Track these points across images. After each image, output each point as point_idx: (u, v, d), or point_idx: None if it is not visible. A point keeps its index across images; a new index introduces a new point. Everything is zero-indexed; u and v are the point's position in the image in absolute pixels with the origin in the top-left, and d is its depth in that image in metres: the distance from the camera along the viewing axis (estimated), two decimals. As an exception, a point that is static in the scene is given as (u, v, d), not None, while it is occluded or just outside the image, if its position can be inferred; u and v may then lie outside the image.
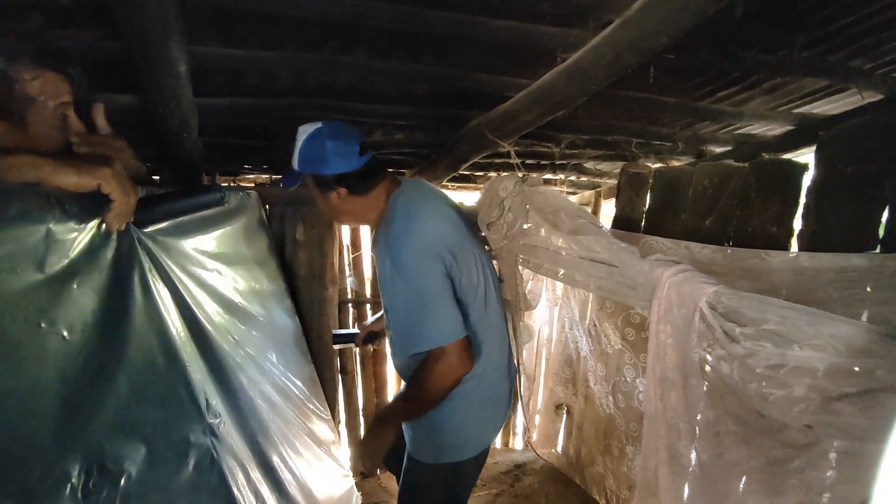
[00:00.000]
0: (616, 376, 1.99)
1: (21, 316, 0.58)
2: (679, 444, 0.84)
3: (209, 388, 1.04)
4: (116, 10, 0.78)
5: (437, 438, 1.23)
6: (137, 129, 1.40)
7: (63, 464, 0.61)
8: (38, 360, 0.60)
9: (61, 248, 0.66)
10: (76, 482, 0.61)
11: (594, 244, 1.03)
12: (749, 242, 1.14)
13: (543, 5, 1.04)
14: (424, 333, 1.07)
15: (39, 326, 0.61)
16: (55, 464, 0.60)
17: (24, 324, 0.59)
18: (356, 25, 1.09)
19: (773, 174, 1.15)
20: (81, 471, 0.63)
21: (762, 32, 1.21)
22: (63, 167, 0.63)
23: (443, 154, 1.91)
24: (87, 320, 0.70)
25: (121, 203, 0.72)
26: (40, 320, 0.61)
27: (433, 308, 1.07)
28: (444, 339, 1.05)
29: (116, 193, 0.70)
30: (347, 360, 2.45)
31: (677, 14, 0.79)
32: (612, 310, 1.96)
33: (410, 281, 1.08)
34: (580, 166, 2.45)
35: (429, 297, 1.07)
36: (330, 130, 1.18)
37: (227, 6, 0.96)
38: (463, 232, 1.22)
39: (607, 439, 2.11)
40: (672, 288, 0.79)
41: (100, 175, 0.67)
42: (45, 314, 0.62)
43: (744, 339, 0.65)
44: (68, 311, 0.66)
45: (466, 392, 1.18)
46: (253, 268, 1.58)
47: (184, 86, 1.07)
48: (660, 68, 1.31)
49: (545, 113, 1.33)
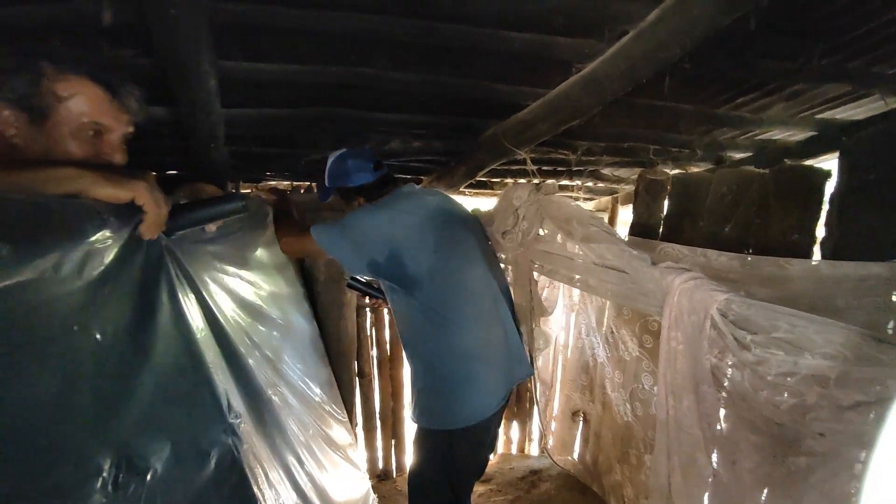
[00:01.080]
0: (634, 384, 1.97)
1: (59, 319, 0.61)
2: (692, 452, 0.84)
3: (230, 389, 1.07)
4: (154, 31, 0.83)
5: (430, 404, 1.46)
6: (168, 138, 1.47)
7: (95, 459, 0.63)
8: (73, 360, 0.63)
9: (97, 255, 0.69)
10: (107, 476, 0.64)
11: (606, 251, 1.04)
12: (770, 250, 1.13)
13: (558, 18, 1.05)
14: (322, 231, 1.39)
15: (73, 329, 0.64)
16: (88, 458, 0.62)
17: (61, 326, 0.62)
18: (375, 39, 1.13)
19: (794, 181, 1.14)
20: (112, 466, 0.65)
21: (779, 41, 1.20)
22: (101, 180, 0.65)
23: (460, 161, 1.94)
24: (118, 323, 0.73)
25: (153, 214, 0.74)
26: (75, 323, 0.64)
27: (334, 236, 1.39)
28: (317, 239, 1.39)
29: (150, 205, 0.72)
30: (364, 364, 2.49)
31: (691, 26, 0.80)
32: (629, 317, 1.94)
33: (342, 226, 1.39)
34: (597, 172, 2.44)
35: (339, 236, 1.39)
36: (350, 153, 1.51)
37: (254, 23, 1.00)
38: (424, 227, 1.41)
39: (625, 447, 2.08)
40: (683, 295, 0.79)
41: (134, 188, 0.69)
42: (81, 317, 0.65)
43: (755, 346, 0.65)
44: (101, 314, 0.69)
45: (450, 365, 1.42)
46: (272, 272, 1.62)
47: (213, 99, 1.12)
48: (676, 77, 1.31)
49: (561, 122, 1.34)
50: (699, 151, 2.05)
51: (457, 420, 1.42)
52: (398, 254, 1.36)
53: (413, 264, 1.37)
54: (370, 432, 2.56)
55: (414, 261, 1.37)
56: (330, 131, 1.64)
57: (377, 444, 2.61)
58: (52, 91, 0.75)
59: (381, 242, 1.36)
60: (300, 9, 0.97)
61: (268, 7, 0.96)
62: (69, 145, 0.77)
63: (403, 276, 1.38)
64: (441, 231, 1.43)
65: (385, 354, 2.57)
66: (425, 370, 1.47)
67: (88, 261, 0.65)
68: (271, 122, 1.53)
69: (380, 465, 2.64)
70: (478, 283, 1.49)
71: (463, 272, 1.45)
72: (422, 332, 1.44)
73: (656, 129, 1.92)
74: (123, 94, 0.82)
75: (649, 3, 0.92)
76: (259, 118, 1.50)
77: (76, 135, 0.78)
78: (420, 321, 1.42)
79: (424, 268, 1.38)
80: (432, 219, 1.43)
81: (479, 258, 1.52)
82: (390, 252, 1.36)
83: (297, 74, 1.26)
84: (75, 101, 0.77)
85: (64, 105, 0.76)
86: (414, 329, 1.47)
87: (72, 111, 0.77)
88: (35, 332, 0.56)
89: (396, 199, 1.46)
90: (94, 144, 0.80)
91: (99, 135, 0.80)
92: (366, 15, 1.01)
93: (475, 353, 1.43)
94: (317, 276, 1.97)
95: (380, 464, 2.64)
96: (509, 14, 1.04)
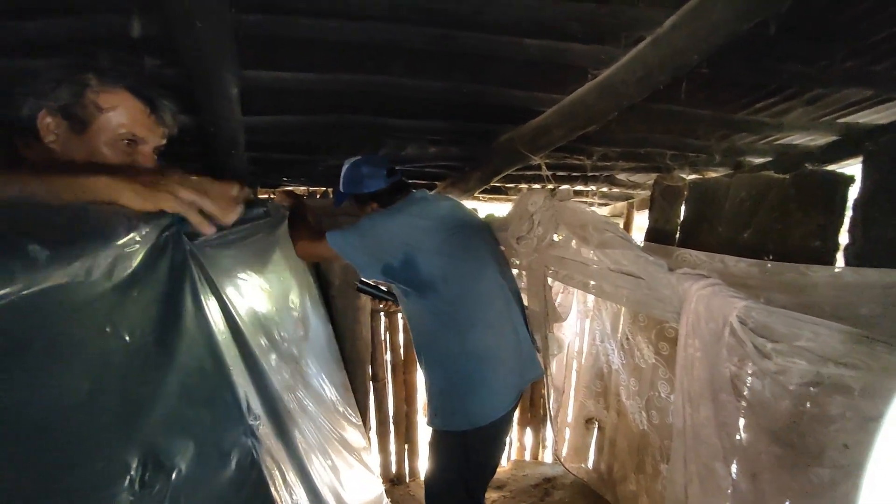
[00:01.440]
0: (650, 391, 1.94)
1: (92, 321, 0.63)
2: (710, 462, 0.83)
3: (249, 391, 1.09)
4: (180, 43, 0.86)
5: (443, 406, 1.49)
6: (190, 145, 1.50)
7: (123, 457, 0.65)
8: (105, 360, 0.65)
9: (126, 259, 0.71)
10: (134, 474, 0.65)
11: (622, 257, 1.04)
12: (790, 256, 1.11)
13: (574, 24, 1.06)
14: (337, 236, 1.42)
15: (105, 330, 0.66)
16: (117, 456, 0.64)
17: (94, 328, 0.64)
18: (392, 47, 1.14)
19: (815, 186, 1.12)
20: (139, 464, 0.67)
21: (799, 45, 1.19)
22: (130, 194, 0.66)
23: (475, 167, 1.95)
24: (144, 325, 0.75)
25: (194, 217, 0.73)
26: (107, 325, 0.66)
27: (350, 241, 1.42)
28: (333, 244, 1.42)
29: (185, 211, 0.72)
30: (379, 369, 2.50)
31: (708, 32, 0.79)
32: (644, 323, 1.92)
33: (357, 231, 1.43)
34: (612, 178, 2.43)
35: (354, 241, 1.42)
36: (364, 160, 1.54)
37: (275, 33, 1.03)
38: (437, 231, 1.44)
39: (640, 456, 2.05)
40: (700, 301, 0.78)
41: (161, 201, 0.69)
42: (111, 319, 0.67)
43: (776, 355, 0.64)
44: (129, 316, 0.71)
45: (462, 366, 1.45)
46: (289, 276, 1.64)
47: (234, 107, 1.15)
48: (693, 82, 1.30)
49: (576, 128, 1.34)
50: (717, 156, 2.03)
51: (470, 421, 1.44)
52: (412, 257, 1.39)
53: (426, 267, 1.40)
54: (384, 436, 2.57)
55: (427, 264, 1.40)
56: (346, 137, 1.66)
57: (390, 449, 2.61)
58: (94, 102, 0.79)
59: (396, 246, 1.39)
60: (320, 19, 0.99)
61: (288, 18, 0.98)
62: (105, 154, 0.81)
63: (417, 280, 1.41)
64: (453, 235, 1.46)
65: (399, 359, 2.58)
66: (438, 372, 1.50)
67: (118, 264, 0.67)
68: (289, 129, 1.57)
69: (393, 470, 2.64)
70: (489, 285, 1.52)
71: (475, 275, 1.49)
72: (434, 335, 1.47)
73: (673, 135, 1.90)
74: (160, 109, 0.86)
75: (666, 9, 0.92)
76: (277, 125, 1.53)
77: (112, 144, 0.81)
78: (433, 324, 1.45)
79: (437, 271, 1.41)
80: (445, 223, 1.46)
81: (490, 262, 1.55)
82: (405, 256, 1.39)
83: (316, 82, 1.28)
84: (115, 113, 0.81)
85: (104, 116, 0.80)
86: (427, 332, 1.50)
87: (111, 122, 0.81)
88: (71, 333, 0.58)
89: (409, 204, 1.50)
90: (128, 154, 0.84)
91: (133, 144, 0.84)
92: (383, 24, 1.03)
93: (487, 354, 1.46)
94: (332, 281, 1.99)
95: (393, 468, 2.64)
96: (526, 21, 1.04)
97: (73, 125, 0.79)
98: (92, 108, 0.79)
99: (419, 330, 1.53)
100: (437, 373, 1.51)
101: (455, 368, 1.46)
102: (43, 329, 0.55)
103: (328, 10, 0.96)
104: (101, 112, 0.80)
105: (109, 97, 0.80)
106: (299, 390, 1.44)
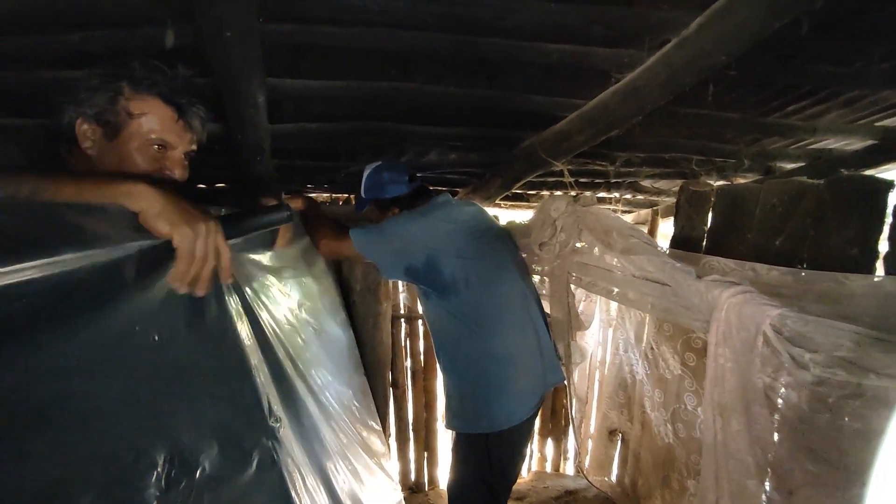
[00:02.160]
0: (675, 403, 1.88)
1: (126, 320, 0.65)
2: (743, 479, 0.79)
3: (271, 393, 1.10)
4: (210, 52, 0.89)
5: (465, 409, 1.50)
6: (217, 153, 1.55)
7: (151, 453, 0.67)
8: (137, 359, 0.67)
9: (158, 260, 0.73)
10: (161, 471, 0.67)
11: (647, 264, 1.01)
12: (825, 265, 1.06)
13: (597, 28, 1.05)
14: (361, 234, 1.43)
15: (137, 329, 0.68)
16: (145, 452, 0.66)
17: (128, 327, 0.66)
18: (414, 54, 1.16)
19: (852, 191, 1.07)
20: (166, 461, 0.68)
21: (833, 45, 1.14)
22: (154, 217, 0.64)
23: (496, 173, 1.94)
24: (173, 325, 0.77)
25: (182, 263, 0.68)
26: (138, 324, 0.68)
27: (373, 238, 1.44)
28: (356, 242, 1.43)
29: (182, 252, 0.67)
30: (399, 375, 2.50)
31: (736, 32, 0.77)
32: (670, 333, 1.87)
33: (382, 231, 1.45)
34: (636, 184, 2.39)
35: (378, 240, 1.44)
36: (385, 166, 1.56)
37: (300, 42, 1.05)
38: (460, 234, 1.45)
39: (666, 471, 1.98)
40: (731, 310, 0.76)
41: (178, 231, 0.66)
42: (143, 319, 0.69)
43: (814, 365, 0.61)
44: (159, 317, 0.73)
45: (484, 369, 1.45)
46: (311, 282, 1.67)
47: (260, 114, 1.18)
48: (721, 84, 1.27)
49: (598, 133, 1.32)
50: (746, 162, 1.97)
51: (493, 424, 1.44)
52: (435, 259, 1.40)
53: (448, 270, 1.41)
54: (403, 444, 2.56)
55: (450, 266, 1.41)
56: (368, 144, 1.68)
57: (410, 456, 2.60)
58: (126, 108, 0.82)
59: (419, 248, 1.41)
60: (345, 27, 1.01)
61: (315, 27, 1.00)
62: (136, 159, 0.84)
63: (439, 281, 1.42)
64: (476, 239, 1.47)
65: (419, 365, 2.58)
66: (459, 375, 1.51)
67: (150, 267, 0.69)
68: (313, 136, 1.59)
69: (412, 478, 2.63)
70: (511, 289, 1.53)
71: (496, 278, 1.49)
72: (456, 337, 1.48)
73: (699, 139, 1.86)
74: (190, 115, 0.88)
75: (692, 11, 0.90)
76: (301, 132, 1.55)
77: (143, 150, 0.84)
78: (455, 326, 1.46)
79: (460, 273, 1.42)
80: (467, 227, 1.48)
81: (511, 266, 1.56)
82: (427, 257, 1.41)
83: (339, 90, 1.30)
84: (146, 118, 0.83)
85: (136, 121, 0.83)
86: (448, 334, 1.50)
87: (142, 127, 0.83)
88: (108, 331, 0.60)
89: (433, 208, 1.51)
90: (158, 159, 0.86)
91: (163, 150, 0.87)
92: (406, 31, 1.04)
93: (508, 357, 1.46)
94: (353, 286, 2.01)
95: (412, 476, 2.63)
96: (548, 26, 1.04)
97: (106, 131, 0.82)
98: (124, 114, 0.82)
99: (440, 332, 1.53)
100: (458, 376, 1.51)
101: (477, 371, 1.47)
102: (86, 327, 0.57)
103: (351, 18, 0.98)
104: (133, 118, 0.83)
105: (140, 103, 0.83)
106: (319, 394, 1.45)
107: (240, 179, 1.76)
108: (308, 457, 1.22)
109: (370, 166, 1.59)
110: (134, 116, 0.83)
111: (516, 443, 1.54)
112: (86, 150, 0.83)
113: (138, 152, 0.84)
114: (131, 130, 0.83)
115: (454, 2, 0.94)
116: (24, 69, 1.09)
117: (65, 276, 0.52)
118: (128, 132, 0.83)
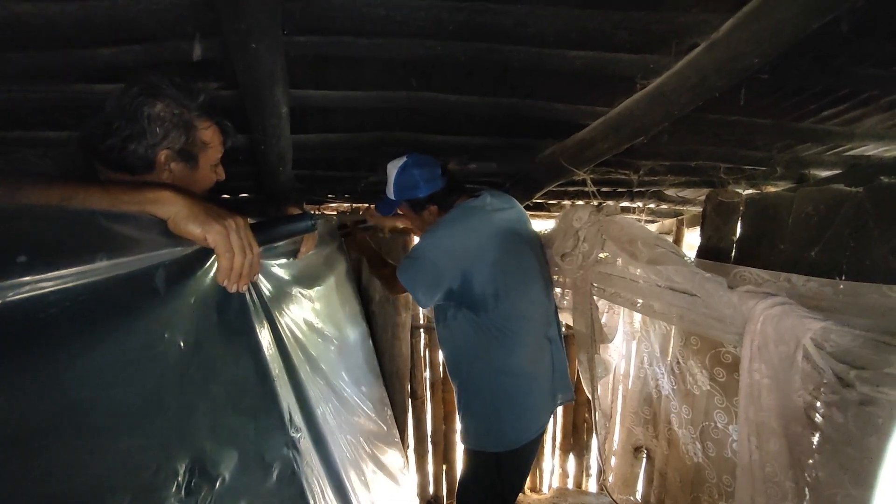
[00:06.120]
0: (704, 420, 1.81)
1: (153, 327, 0.65)
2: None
3: (292, 403, 1.10)
4: (236, 65, 0.91)
5: (477, 426, 1.48)
6: (242, 164, 1.57)
7: (173, 462, 0.66)
8: (163, 366, 0.67)
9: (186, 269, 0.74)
10: (181, 480, 0.67)
11: (674, 274, 0.97)
12: (867, 276, 1.01)
13: (622, 33, 1.03)
14: (405, 271, 1.40)
15: (164, 337, 0.68)
16: (167, 461, 0.66)
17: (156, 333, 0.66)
18: (435, 63, 1.16)
19: (895, 200, 1.02)
20: (186, 470, 0.68)
21: (874, 45, 1.10)
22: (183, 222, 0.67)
23: (517, 182, 1.93)
24: (198, 334, 0.77)
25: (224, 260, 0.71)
26: (166, 331, 0.68)
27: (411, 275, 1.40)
28: (402, 281, 1.40)
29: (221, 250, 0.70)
30: (418, 386, 2.48)
31: (772, 33, 0.74)
32: (697, 347, 1.80)
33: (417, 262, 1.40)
34: (660, 193, 2.33)
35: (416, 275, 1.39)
36: (414, 161, 1.47)
37: (324, 53, 1.06)
38: (491, 248, 1.41)
39: (695, 492, 1.90)
40: (768, 322, 0.72)
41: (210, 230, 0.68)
42: (169, 326, 0.69)
43: (860, 383, 0.57)
44: (184, 325, 0.74)
45: (498, 384, 1.43)
46: (332, 291, 1.67)
47: (284, 125, 1.19)
48: (752, 89, 1.23)
49: (622, 140, 1.30)
50: (778, 169, 1.90)
51: (504, 443, 1.44)
52: (468, 276, 1.39)
53: (479, 285, 1.39)
54: (421, 456, 2.53)
55: (481, 280, 1.39)
56: (389, 154, 1.69)
57: (428, 469, 2.57)
58: (201, 140, 0.91)
59: (453, 270, 1.38)
60: (368, 37, 1.01)
61: (337, 38, 1.01)
62: (210, 178, 0.97)
63: (470, 297, 1.41)
64: (506, 252, 1.44)
65: (438, 376, 2.55)
66: (472, 391, 1.49)
67: (178, 274, 0.70)
68: (334, 146, 1.61)
69: (430, 490, 2.59)
70: (533, 304, 1.50)
71: (523, 292, 1.46)
72: (478, 351, 1.45)
73: (727, 146, 1.81)
74: (230, 134, 0.99)
75: (722, 13, 0.88)
76: (323, 142, 1.57)
77: (212, 170, 0.97)
78: (478, 340, 1.44)
79: (490, 287, 1.40)
80: (498, 238, 1.44)
81: (537, 279, 1.53)
82: (462, 277, 1.39)
83: (361, 100, 1.31)
84: (213, 146, 0.94)
85: (211, 149, 0.94)
86: (468, 348, 1.48)
87: (210, 154, 0.94)
88: (136, 337, 0.61)
89: (467, 216, 1.45)
90: (214, 177, 0.99)
91: (216, 167, 0.98)
92: (428, 40, 1.04)
93: (526, 373, 1.45)
94: (372, 296, 2.00)
95: (430, 488, 2.59)
96: (571, 32, 1.02)
97: (190, 164, 0.91)
98: (200, 145, 0.91)
99: (461, 345, 1.50)
100: (474, 390, 1.49)
101: (493, 386, 1.45)
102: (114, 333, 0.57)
103: (373, 29, 0.98)
104: (206, 148, 0.93)
105: (207, 133, 0.92)
106: (340, 405, 1.44)
107: (263, 190, 1.79)
108: (327, 468, 1.21)
109: (395, 164, 1.49)
110: (206, 146, 0.93)
111: (526, 459, 1.54)
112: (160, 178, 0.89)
113: (212, 173, 0.97)
114: (208, 157, 0.94)
115: (476, 10, 0.93)
116: (61, 82, 1.13)
117: (97, 284, 0.53)
118: (205, 159, 0.93)
